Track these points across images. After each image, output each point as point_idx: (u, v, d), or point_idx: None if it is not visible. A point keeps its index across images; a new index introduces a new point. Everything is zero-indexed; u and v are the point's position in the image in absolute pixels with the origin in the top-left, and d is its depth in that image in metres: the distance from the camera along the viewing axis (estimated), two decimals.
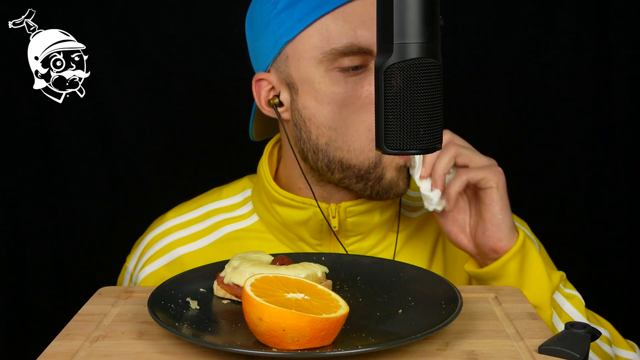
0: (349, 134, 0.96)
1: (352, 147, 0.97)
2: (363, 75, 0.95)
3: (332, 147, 0.97)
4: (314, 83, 0.96)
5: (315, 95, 0.96)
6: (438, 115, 0.77)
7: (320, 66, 0.96)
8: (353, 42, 0.94)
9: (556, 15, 1.54)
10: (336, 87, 0.95)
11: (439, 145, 0.78)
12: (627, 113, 1.55)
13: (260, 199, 1.06)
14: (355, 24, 0.94)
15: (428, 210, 1.00)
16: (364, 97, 0.95)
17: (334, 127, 0.97)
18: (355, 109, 0.95)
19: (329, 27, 0.95)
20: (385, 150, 0.78)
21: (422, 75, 0.75)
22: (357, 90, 0.95)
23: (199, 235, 1.08)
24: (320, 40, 0.95)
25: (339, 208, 1.01)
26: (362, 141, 0.96)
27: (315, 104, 0.97)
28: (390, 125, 0.76)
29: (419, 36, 0.74)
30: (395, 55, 0.75)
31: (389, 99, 0.76)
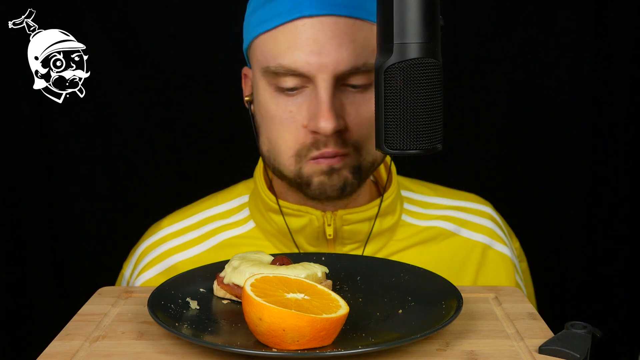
0: (277, 148, 0.98)
1: (280, 160, 0.98)
2: (297, 97, 0.95)
3: (270, 156, 0.99)
4: (259, 93, 0.98)
5: (259, 105, 0.98)
6: (438, 115, 0.77)
7: (263, 79, 0.96)
8: (281, 64, 0.93)
9: (556, 15, 1.53)
10: (272, 104, 0.96)
11: (439, 145, 0.78)
12: (627, 113, 1.55)
13: (257, 206, 1.06)
14: (288, 45, 0.92)
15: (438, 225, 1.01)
16: (289, 119, 0.95)
17: (269, 138, 0.98)
18: (282, 128, 0.96)
19: (268, 44, 0.94)
20: (385, 150, 0.78)
21: (422, 75, 0.75)
22: (286, 112, 0.95)
23: (194, 242, 1.08)
24: (261, 55, 0.96)
25: (334, 216, 1.00)
26: (284, 156, 0.97)
27: (259, 113, 0.99)
28: (390, 125, 0.76)
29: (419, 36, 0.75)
30: (395, 55, 0.75)
31: (389, 99, 0.76)
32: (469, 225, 1.09)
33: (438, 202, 1.11)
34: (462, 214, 1.10)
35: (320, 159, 0.95)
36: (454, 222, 1.09)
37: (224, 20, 1.51)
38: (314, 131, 0.94)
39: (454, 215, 1.10)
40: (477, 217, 1.10)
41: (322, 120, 0.92)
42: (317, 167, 0.96)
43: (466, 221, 1.09)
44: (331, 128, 0.92)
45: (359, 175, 0.98)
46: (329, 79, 0.92)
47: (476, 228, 1.09)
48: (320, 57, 0.91)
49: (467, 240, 1.08)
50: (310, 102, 0.94)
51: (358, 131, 0.95)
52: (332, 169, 0.96)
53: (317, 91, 0.93)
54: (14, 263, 1.53)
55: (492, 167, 1.60)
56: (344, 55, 0.92)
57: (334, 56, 0.91)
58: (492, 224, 1.10)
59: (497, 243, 1.09)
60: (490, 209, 1.13)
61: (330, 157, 0.95)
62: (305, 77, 0.93)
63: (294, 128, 0.95)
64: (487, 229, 1.09)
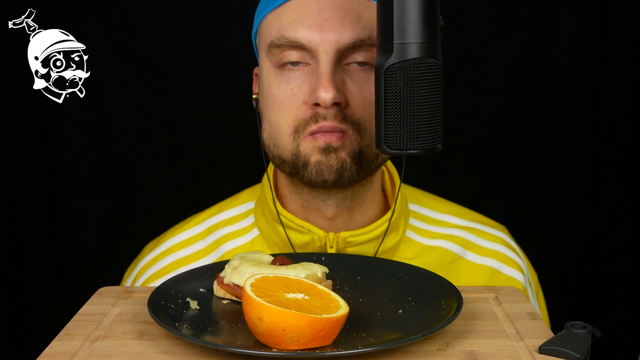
0: (276, 129, 0.96)
1: (279, 142, 0.96)
2: (299, 74, 0.94)
3: (271, 143, 0.97)
4: (264, 77, 0.97)
5: (262, 89, 0.98)
6: (438, 115, 0.77)
7: (267, 61, 0.96)
8: (284, 36, 0.92)
9: (556, 15, 1.53)
10: (274, 84, 0.95)
11: (439, 145, 0.78)
12: (627, 113, 1.55)
13: (264, 215, 1.04)
14: (292, 19, 0.92)
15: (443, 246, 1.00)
16: (290, 97, 0.94)
17: (270, 122, 0.97)
18: (282, 107, 0.95)
19: (274, 22, 0.94)
20: (385, 150, 0.78)
21: (422, 75, 0.75)
22: (286, 90, 0.94)
23: (200, 254, 1.06)
24: (266, 34, 0.96)
25: (337, 238, 0.99)
26: (283, 136, 0.95)
27: (262, 99, 0.98)
28: (390, 125, 0.76)
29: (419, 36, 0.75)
30: (396, 55, 0.75)
31: (389, 99, 0.76)
32: (475, 248, 1.05)
33: (446, 220, 1.08)
34: (470, 235, 1.06)
35: (317, 134, 0.93)
36: (459, 243, 1.05)
37: (224, 20, 1.51)
38: (314, 104, 0.92)
39: (460, 235, 1.06)
40: (486, 240, 1.06)
41: (321, 90, 0.90)
42: (314, 143, 0.93)
43: (472, 244, 1.06)
44: (330, 97, 0.90)
45: (359, 162, 0.94)
46: (332, 52, 0.91)
47: (483, 252, 1.05)
48: (323, 30, 0.91)
49: (471, 265, 1.04)
50: (311, 79, 0.93)
51: (360, 110, 0.93)
52: (329, 147, 0.93)
53: (318, 65, 0.92)
54: (14, 263, 1.53)
55: (491, 167, 1.60)
56: (348, 29, 0.91)
57: (337, 30, 0.91)
58: (503, 248, 1.06)
59: (507, 267, 1.05)
60: (505, 235, 1.09)
61: (329, 132, 0.93)
62: (308, 52, 0.92)
63: (295, 105, 0.94)
64: (496, 253, 1.05)
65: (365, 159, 0.95)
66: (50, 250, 1.56)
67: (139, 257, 1.11)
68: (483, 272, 1.04)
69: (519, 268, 1.06)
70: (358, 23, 0.92)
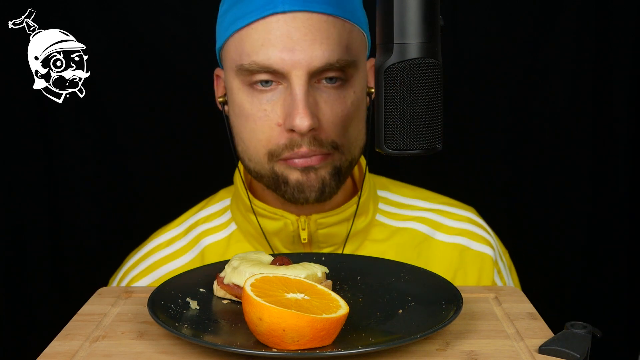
0: (251, 147, 0.97)
1: (254, 160, 0.97)
2: (271, 94, 0.94)
3: (245, 157, 0.99)
4: (233, 93, 0.97)
5: (233, 104, 0.98)
6: (438, 115, 0.77)
7: (237, 78, 0.96)
8: (255, 61, 0.92)
9: (556, 15, 1.54)
10: (245, 102, 0.95)
11: (439, 145, 0.78)
12: (627, 113, 1.56)
13: (238, 208, 1.06)
14: (261, 42, 0.92)
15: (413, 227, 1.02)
16: (265, 119, 0.94)
17: (243, 139, 0.98)
18: (255, 127, 0.95)
19: (242, 41, 0.94)
20: (385, 150, 0.78)
21: (422, 75, 0.75)
22: (260, 111, 0.94)
23: (182, 251, 1.07)
24: (234, 53, 0.95)
25: (308, 220, 1.00)
26: (258, 155, 0.96)
27: (233, 113, 0.99)
28: (390, 125, 0.76)
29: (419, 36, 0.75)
30: (395, 55, 0.75)
31: (389, 99, 0.76)
32: (444, 228, 1.08)
33: (415, 204, 1.10)
34: (438, 217, 1.09)
35: (290, 160, 0.94)
36: (429, 224, 1.08)
37: None
38: (290, 129, 0.92)
39: (429, 217, 1.09)
40: (454, 220, 1.09)
41: (298, 118, 0.90)
42: (288, 166, 0.95)
43: (441, 224, 1.08)
44: (307, 125, 0.90)
45: (339, 177, 0.97)
46: (303, 76, 0.91)
47: (452, 231, 1.08)
48: (293, 53, 0.91)
49: (441, 244, 1.07)
50: (285, 100, 0.93)
51: (333, 130, 0.95)
52: (308, 168, 0.95)
53: (291, 88, 0.92)
54: (14, 263, 1.53)
55: (491, 167, 1.60)
56: (318, 51, 0.91)
57: (308, 52, 0.91)
58: (471, 226, 1.09)
59: (476, 243, 1.07)
60: (472, 214, 1.12)
61: (306, 157, 0.94)
62: (279, 74, 0.92)
63: (268, 127, 0.94)
64: (464, 231, 1.08)
65: (343, 171, 0.98)
66: (50, 250, 1.56)
67: (123, 263, 1.12)
68: (453, 249, 1.07)
69: (487, 243, 1.08)
70: (328, 44, 0.92)
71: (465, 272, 1.05)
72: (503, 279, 1.09)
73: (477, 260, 1.07)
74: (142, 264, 1.08)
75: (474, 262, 1.06)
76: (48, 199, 1.55)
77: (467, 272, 1.05)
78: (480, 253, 1.07)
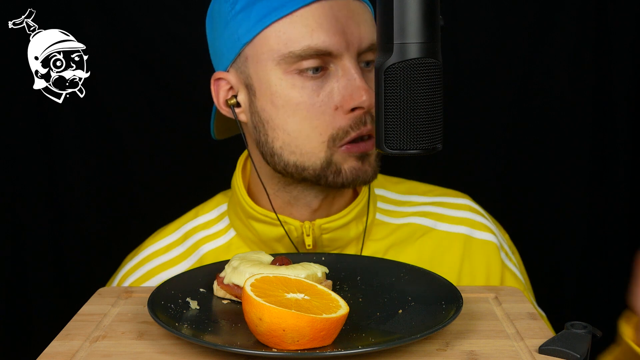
0: (301, 138, 0.96)
1: (304, 151, 0.96)
2: (321, 80, 0.95)
3: (287, 151, 0.97)
4: (271, 85, 0.96)
5: (272, 97, 0.96)
6: (438, 115, 0.77)
7: (278, 69, 0.95)
8: (310, 46, 0.93)
9: (556, 14, 1.54)
10: (292, 91, 0.95)
11: (439, 145, 0.78)
12: (627, 113, 1.56)
13: (237, 214, 1.05)
14: (312, 27, 0.93)
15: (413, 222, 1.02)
16: (319, 105, 0.94)
17: (287, 130, 0.96)
18: (309, 115, 0.95)
19: (287, 30, 0.94)
20: (385, 150, 0.78)
21: (422, 75, 0.75)
22: (312, 97, 0.94)
23: (180, 258, 1.07)
24: (277, 43, 0.95)
25: (313, 226, 1.00)
26: (312, 144, 0.96)
27: (271, 107, 0.97)
28: (390, 125, 0.76)
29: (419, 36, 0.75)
30: (396, 55, 0.75)
31: (389, 99, 0.76)
32: (446, 218, 1.08)
33: (412, 200, 1.11)
34: (438, 209, 1.10)
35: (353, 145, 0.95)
36: (430, 217, 1.08)
37: None
38: (352, 109, 0.94)
39: (429, 210, 1.09)
40: (454, 210, 1.10)
41: (364, 94, 0.93)
42: (350, 152, 0.96)
43: (443, 215, 1.09)
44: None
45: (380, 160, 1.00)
46: (355, 56, 0.95)
47: (454, 220, 1.08)
48: (345, 35, 0.94)
49: (445, 234, 1.07)
50: (339, 82, 0.94)
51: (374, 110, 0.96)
52: (364, 154, 0.96)
53: (345, 69, 0.94)
54: (14, 263, 1.53)
55: (491, 167, 1.60)
56: (363, 32, 0.95)
57: (355, 34, 0.94)
58: (471, 214, 1.09)
59: (478, 231, 1.08)
60: (469, 201, 1.12)
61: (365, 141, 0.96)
62: (329, 58, 0.94)
63: (323, 112, 0.94)
64: (466, 220, 1.08)
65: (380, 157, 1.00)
66: (50, 250, 1.56)
67: (119, 268, 1.11)
68: (457, 239, 1.07)
69: (489, 230, 1.09)
70: (366, 26, 0.96)
71: (471, 262, 1.06)
72: (512, 260, 1.10)
73: (482, 249, 1.07)
74: (139, 271, 1.07)
75: (479, 251, 1.07)
76: (48, 199, 1.55)
77: (472, 262, 1.06)
78: (484, 241, 1.07)
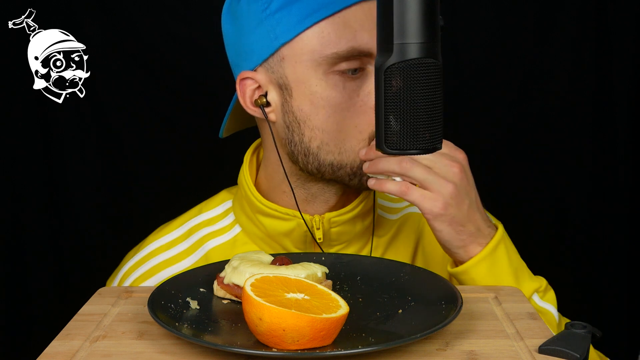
0: (341, 137, 0.96)
1: (343, 149, 0.97)
2: (360, 80, 0.96)
3: (324, 150, 0.97)
4: (311, 85, 0.96)
5: (311, 97, 0.96)
6: (438, 115, 0.77)
7: (319, 69, 0.95)
8: (354, 47, 0.94)
9: (556, 14, 1.54)
10: (333, 91, 0.95)
11: (439, 145, 0.78)
12: (627, 113, 1.56)
13: (243, 210, 1.05)
14: (355, 28, 0.94)
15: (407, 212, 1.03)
16: (359, 104, 0.96)
17: (327, 130, 0.97)
18: (349, 114, 0.96)
19: (329, 31, 0.94)
20: (385, 150, 0.78)
21: (422, 75, 0.75)
22: (352, 97, 0.95)
23: (184, 254, 1.07)
24: (320, 44, 0.95)
25: (322, 219, 1.01)
26: (352, 142, 0.97)
27: (310, 107, 0.97)
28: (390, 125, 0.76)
29: (419, 36, 0.75)
30: (395, 55, 0.75)
31: (389, 99, 0.76)
32: None
33: None
34: None
35: None
36: None
37: None
38: None
39: None
40: None
41: None
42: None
43: None
44: None
45: None
46: None
47: None
48: None
49: None
50: None
51: None
52: None
53: None
54: (14, 263, 1.53)
55: (491, 167, 1.60)
56: None
57: None
58: None
59: None
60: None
61: None
62: (368, 59, 0.95)
63: (364, 111, 0.96)
64: None
65: None
66: (50, 250, 1.56)
67: (121, 264, 1.11)
68: None
69: None
70: None
71: None
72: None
73: None
74: (143, 267, 1.07)
75: None
76: (48, 199, 1.56)
77: None
78: None
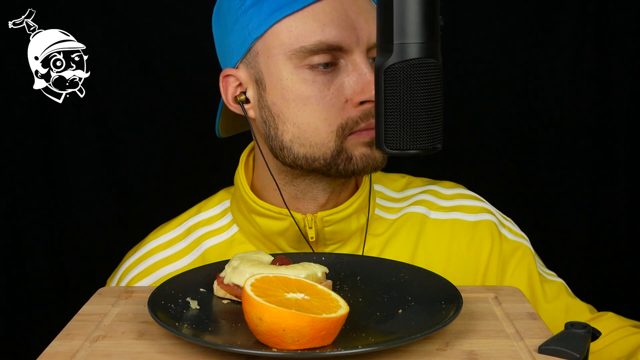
0: (310, 130, 0.97)
1: (313, 142, 0.97)
2: (332, 74, 0.96)
3: (296, 143, 0.98)
4: (282, 79, 0.97)
5: (282, 91, 0.97)
6: (438, 115, 0.77)
7: (289, 63, 0.96)
8: (322, 41, 0.94)
9: (556, 14, 1.54)
10: (303, 85, 0.96)
11: (438, 145, 0.78)
12: (627, 113, 1.56)
13: (240, 209, 1.06)
14: (323, 22, 0.94)
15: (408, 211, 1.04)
16: (329, 98, 0.96)
17: (297, 123, 0.97)
18: (319, 107, 0.96)
19: (298, 25, 0.95)
20: (385, 150, 0.78)
21: (422, 75, 0.75)
22: (323, 91, 0.96)
23: (182, 253, 1.07)
24: (288, 38, 0.96)
25: (315, 218, 1.01)
26: (321, 135, 0.97)
27: (282, 101, 0.98)
28: (390, 125, 0.77)
29: (419, 36, 0.75)
30: (395, 55, 0.75)
31: (389, 99, 0.76)
32: (436, 207, 1.10)
33: (406, 195, 1.13)
34: (429, 197, 1.12)
35: (362, 132, 0.97)
36: (423, 204, 1.10)
37: None
38: (362, 102, 0.95)
39: (422, 198, 1.11)
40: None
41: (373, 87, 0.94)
42: (359, 139, 0.97)
43: (434, 203, 1.11)
44: None
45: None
46: (365, 51, 0.96)
47: (445, 209, 1.10)
48: (355, 31, 0.95)
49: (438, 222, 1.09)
50: (349, 76, 0.96)
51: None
52: (372, 141, 0.97)
53: (355, 64, 0.96)
54: (14, 263, 1.53)
55: (491, 167, 1.60)
56: (372, 29, 0.96)
57: (365, 30, 0.96)
58: (463, 201, 1.11)
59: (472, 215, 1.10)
60: (461, 189, 1.14)
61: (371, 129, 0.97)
62: (340, 53, 0.95)
63: (333, 104, 0.96)
64: (457, 207, 1.11)
65: None
66: (50, 250, 1.56)
67: (121, 262, 1.12)
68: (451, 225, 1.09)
69: (484, 210, 1.11)
70: (373, 23, 0.96)
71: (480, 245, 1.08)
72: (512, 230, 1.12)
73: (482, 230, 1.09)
74: (141, 265, 1.08)
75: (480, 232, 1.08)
76: (48, 199, 1.55)
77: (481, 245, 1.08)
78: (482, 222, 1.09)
